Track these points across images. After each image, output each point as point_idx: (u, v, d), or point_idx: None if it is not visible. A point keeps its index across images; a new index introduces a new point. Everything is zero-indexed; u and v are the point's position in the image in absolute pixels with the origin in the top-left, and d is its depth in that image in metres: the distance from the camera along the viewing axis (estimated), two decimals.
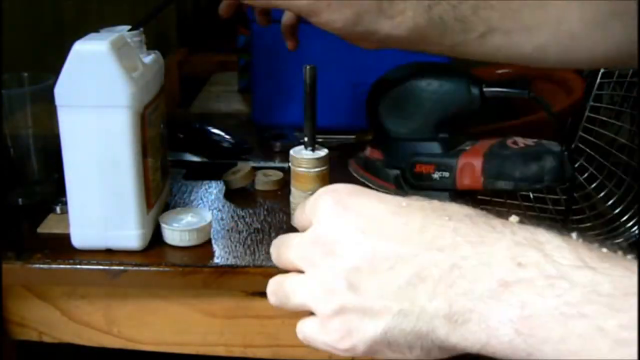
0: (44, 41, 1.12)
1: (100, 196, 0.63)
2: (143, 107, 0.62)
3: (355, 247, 0.39)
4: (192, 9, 2.24)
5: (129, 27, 0.67)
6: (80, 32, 0.62)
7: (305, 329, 0.43)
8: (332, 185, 0.44)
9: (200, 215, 0.68)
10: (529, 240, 0.35)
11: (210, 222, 0.68)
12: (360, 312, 0.39)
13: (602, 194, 0.85)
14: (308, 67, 0.62)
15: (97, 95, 0.60)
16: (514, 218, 0.38)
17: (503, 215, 0.38)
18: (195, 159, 0.89)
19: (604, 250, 0.34)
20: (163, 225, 0.66)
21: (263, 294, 0.67)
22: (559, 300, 0.32)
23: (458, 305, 0.36)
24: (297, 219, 0.46)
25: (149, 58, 0.68)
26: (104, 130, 0.61)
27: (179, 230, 0.66)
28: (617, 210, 0.81)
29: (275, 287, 0.45)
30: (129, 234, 0.64)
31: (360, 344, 0.39)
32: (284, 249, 0.44)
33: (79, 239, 0.64)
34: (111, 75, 0.59)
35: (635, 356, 0.30)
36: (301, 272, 0.43)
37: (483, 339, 0.35)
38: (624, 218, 0.80)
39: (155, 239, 0.66)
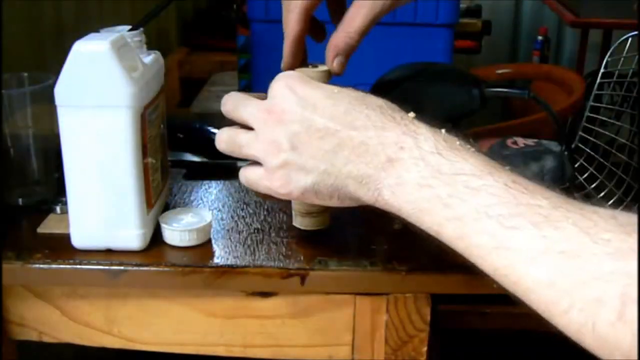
0: (44, 41, 1.12)
1: (100, 196, 0.63)
2: (143, 107, 0.62)
3: (297, 118, 0.52)
4: (192, 9, 2.24)
5: (129, 27, 0.67)
6: (80, 32, 0.62)
7: (249, 175, 0.57)
8: (286, 72, 0.57)
9: (200, 215, 0.68)
10: (411, 131, 0.50)
11: (211, 222, 0.68)
12: (298, 167, 0.53)
13: (602, 194, 0.85)
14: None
15: (97, 95, 0.60)
16: (412, 114, 0.52)
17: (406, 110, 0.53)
18: (195, 159, 0.89)
19: (457, 143, 0.49)
20: (163, 225, 0.66)
21: (263, 294, 0.67)
22: (417, 174, 0.48)
23: (361, 171, 0.51)
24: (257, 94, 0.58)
25: (149, 58, 0.68)
26: (104, 130, 0.61)
27: (179, 230, 0.65)
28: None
29: (227, 137, 0.57)
30: (129, 234, 0.64)
31: (295, 190, 0.53)
32: (241, 106, 0.57)
33: (79, 239, 0.64)
34: (111, 75, 0.59)
35: (454, 214, 0.45)
36: (249, 129, 0.56)
37: (375, 195, 0.50)
38: None
39: (155, 239, 0.66)
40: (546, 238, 0.41)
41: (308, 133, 0.52)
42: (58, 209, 0.71)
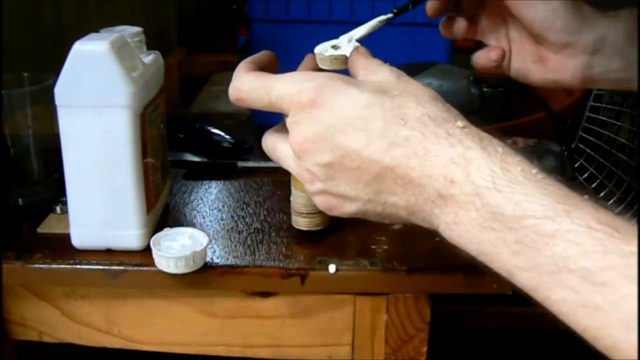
0: (44, 41, 1.12)
1: (100, 196, 0.63)
2: (143, 107, 0.62)
3: (328, 147, 0.46)
4: (192, 8, 2.24)
5: (129, 27, 0.67)
6: (80, 32, 0.62)
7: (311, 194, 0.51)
8: (306, 81, 0.48)
9: (195, 238, 0.64)
10: (460, 157, 0.42)
11: (206, 247, 0.63)
12: (338, 196, 0.48)
13: (602, 194, 0.85)
14: None
15: (97, 95, 0.60)
16: (460, 123, 0.45)
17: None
18: (195, 159, 0.89)
19: (519, 170, 0.41)
20: (155, 250, 0.62)
21: (263, 294, 0.67)
22: (476, 214, 0.41)
23: (410, 202, 0.45)
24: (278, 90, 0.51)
25: (149, 58, 0.68)
26: (104, 130, 0.61)
27: (173, 257, 0.61)
28: (617, 210, 0.81)
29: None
30: (129, 234, 0.64)
31: (342, 215, 0.49)
32: (273, 151, 0.53)
33: (79, 239, 0.65)
34: (111, 75, 0.59)
35: (526, 263, 0.39)
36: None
37: (433, 227, 0.45)
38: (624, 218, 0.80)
39: None
40: None
41: (341, 163, 0.46)
42: (58, 209, 0.71)
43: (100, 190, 0.62)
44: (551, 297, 0.38)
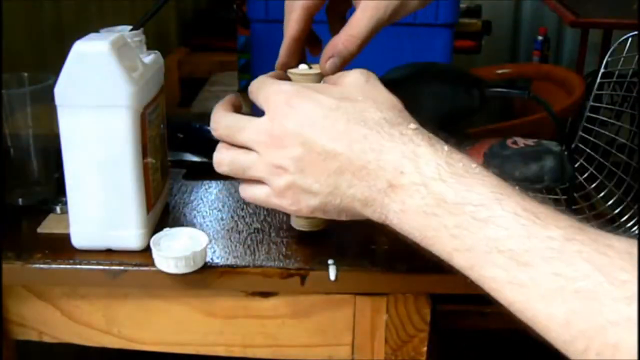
0: (44, 41, 1.12)
1: (101, 196, 0.63)
2: (143, 107, 0.62)
3: (299, 141, 0.51)
4: (192, 9, 2.24)
5: (129, 27, 0.67)
6: (80, 32, 0.62)
7: (257, 193, 0.56)
8: (281, 86, 0.55)
9: (195, 238, 0.63)
10: (410, 152, 0.48)
11: (206, 247, 0.63)
12: (303, 189, 0.52)
13: (602, 194, 0.85)
14: None
15: (98, 95, 0.60)
16: (412, 125, 0.50)
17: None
18: (195, 159, 0.89)
19: (461, 165, 0.47)
20: (154, 251, 0.61)
21: (263, 294, 0.67)
22: (421, 201, 0.46)
23: (365, 194, 0.50)
24: (250, 95, 0.57)
25: (149, 58, 0.68)
26: (104, 130, 0.61)
27: (173, 257, 0.61)
28: (617, 210, 0.81)
29: (230, 161, 0.56)
30: (129, 234, 0.64)
31: (304, 208, 0.53)
32: (238, 130, 0.55)
33: (78, 239, 0.64)
34: (111, 75, 0.59)
35: (463, 245, 0.44)
36: (250, 150, 0.54)
37: (383, 218, 0.50)
38: (624, 218, 0.80)
39: None
40: (560, 276, 0.40)
41: (310, 156, 0.51)
42: (58, 209, 0.71)
43: (100, 190, 0.62)
44: (484, 274, 0.44)
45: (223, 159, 0.56)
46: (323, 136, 0.51)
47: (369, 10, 0.58)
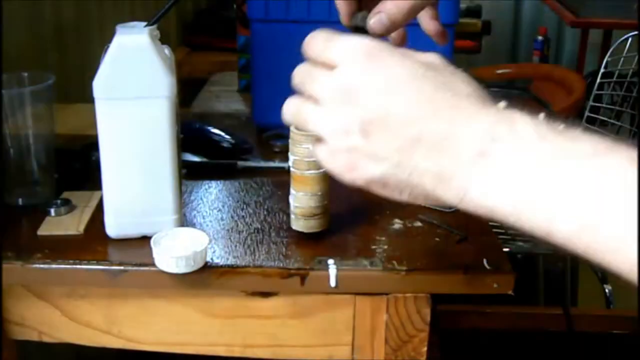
0: (44, 41, 1.12)
1: (138, 185, 0.64)
2: (176, 97, 0.64)
3: (374, 102, 0.46)
4: (192, 9, 2.24)
5: (143, 23, 0.67)
6: (80, 32, 0.62)
7: (319, 153, 0.49)
8: (363, 39, 0.48)
9: (195, 238, 0.63)
10: (506, 119, 0.43)
11: (206, 247, 0.63)
12: (366, 155, 0.46)
13: None
14: None
15: (138, 87, 0.61)
16: (502, 103, 0.45)
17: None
18: (195, 159, 0.89)
19: (561, 126, 0.42)
20: (155, 250, 0.62)
21: (263, 294, 0.67)
22: (519, 165, 0.41)
23: (444, 167, 0.44)
24: (324, 45, 0.49)
25: (167, 51, 0.69)
26: (144, 121, 0.62)
27: (174, 257, 0.61)
28: None
29: (295, 110, 0.50)
30: (165, 220, 0.65)
31: (361, 179, 0.47)
32: (309, 77, 0.49)
33: (114, 229, 0.66)
34: (152, 66, 0.61)
35: (576, 204, 0.39)
36: (316, 100, 0.48)
37: (461, 195, 0.44)
38: None
39: None
40: None
41: (385, 120, 0.46)
42: (52, 211, 0.71)
43: (138, 179, 0.64)
44: (599, 236, 0.39)
45: (289, 106, 0.51)
46: (405, 101, 0.46)
47: None
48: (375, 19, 0.55)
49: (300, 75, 0.51)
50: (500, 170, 0.42)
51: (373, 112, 0.46)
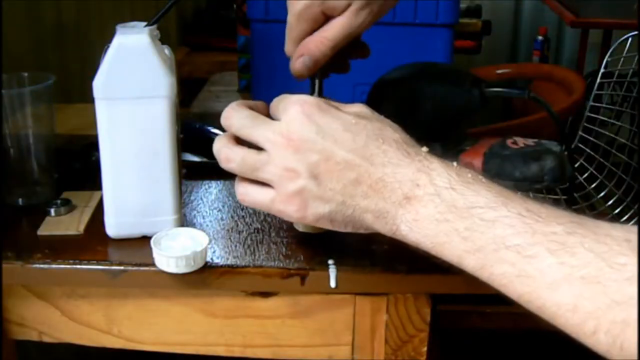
0: (44, 41, 1.12)
1: (138, 185, 0.64)
2: (176, 97, 0.64)
3: (317, 148, 0.52)
4: (192, 9, 2.24)
5: (143, 22, 0.67)
6: (80, 32, 0.62)
7: (258, 197, 0.56)
8: (302, 97, 0.55)
9: (195, 239, 0.63)
10: (425, 167, 0.51)
11: (206, 247, 0.63)
12: (315, 196, 0.53)
13: (602, 194, 0.85)
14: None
15: (138, 86, 0.61)
16: (425, 148, 0.53)
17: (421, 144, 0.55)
18: (195, 159, 0.89)
19: (469, 176, 0.50)
20: (155, 250, 0.61)
21: (263, 294, 0.67)
22: (434, 210, 0.49)
23: (379, 206, 0.52)
24: (270, 111, 0.58)
25: (167, 51, 0.69)
26: (144, 121, 0.62)
27: (174, 257, 0.61)
28: (617, 210, 0.81)
29: (241, 159, 0.55)
30: (165, 220, 0.65)
31: (311, 216, 0.54)
32: (253, 126, 0.55)
33: (114, 229, 0.66)
34: (152, 66, 0.61)
35: (473, 246, 0.47)
36: (260, 150, 0.55)
37: (393, 230, 0.52)
38: (624, 218, 0.80)
39: None
40: (564, 265, 0.43)
41: (327, 164, 0.52)
42: (52, 211, 0.71)
43: (138, 179, 0.64)
44: (494, 272, 0.46)
45: (234, 155, 0.56)
46: (343, 147, 0.52)
47: (348, 17, 0.59)
48: (299, 62, 0.61)
49: (241, 121, 0.56)
50: (419, 214, 0.50)
51: (317, 157, 0.52)
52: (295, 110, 0.54)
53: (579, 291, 0.42)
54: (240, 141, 0.57)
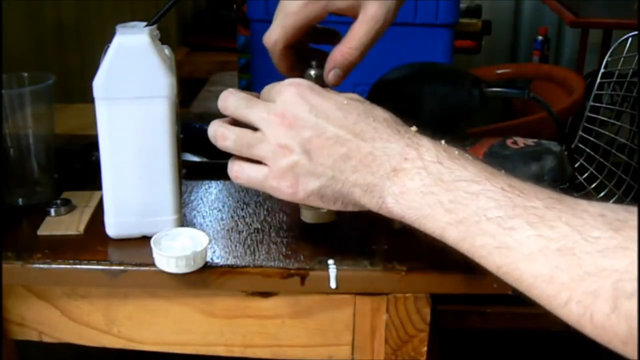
0: (44, 41, 1.12)
1: (138, 185, 0.64)
2: (176, 97, 0.64)
3: (309, 125, 0.54)
4: (192, 8, 2.24)
5: (143, 23, 0.67)
6: (80, 32, 0.62)
7: (252, 173, 0.58)
8: (295, 79, 0.58)
9: (195, 239, 0.63)
10: (414, 143, 0.53)
11: (206, 247, 0.63)
12: (307, 171, 0.54)
13: (602, 194, 0.85)
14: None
15: (138, 87, 0.61)
16: (414, 128, 0.55)
17: (407, 123, 0.56)
18: (195, 159, 0.89)
19: (456, 152, 0.52)
20: (155, 250, 0.61)
21: (263, 294, 0.67)
22: (420, 183, 0.51)
23: (367, 179, 0.53)
24: (262, 97, 0.59)
25: (167, 51, 0.69)
26: (144, 121, 0.62)
27: (174, 257, 0.61)
28: None
29: (236, 136, 0.58)
30: (165, 220, 0.65)
31: (302, 192, 0.55)
32: (248, 107, 0.57)
33: (114, 229, 0.66)
34: (152, 66, 0.61)
35: (456, 218, 0.48)
36: (254, 129, 0.57)
37: (380, 203, 0.53)
38: None
39: None
40: (542, 237, 0.44)
41: (320, 140, 0.54)
42: (52, 211, 0.71)
43: (138, 179, 0.64)
44: (475, 244, 0.48)
45: (229, 133, 0.58)
46: (335, 124, 0.54)
47: (368, 23, 0.61)
48: (332, 75, 0.63)
49: (237, 102, 0.58)
50: (406, 186, 0.51)
51: (309, 133, 0.54)
52: (290, 91, 0.56)
53: (555, 263, 0.43)
54: (235, 123, 0.59)
